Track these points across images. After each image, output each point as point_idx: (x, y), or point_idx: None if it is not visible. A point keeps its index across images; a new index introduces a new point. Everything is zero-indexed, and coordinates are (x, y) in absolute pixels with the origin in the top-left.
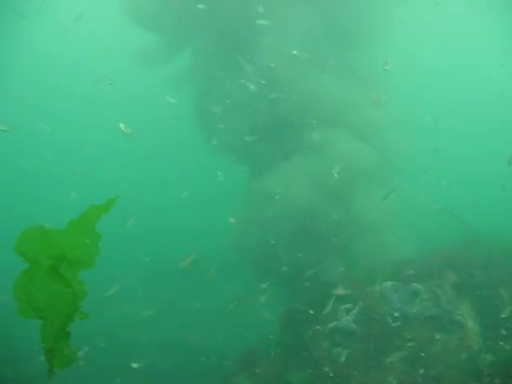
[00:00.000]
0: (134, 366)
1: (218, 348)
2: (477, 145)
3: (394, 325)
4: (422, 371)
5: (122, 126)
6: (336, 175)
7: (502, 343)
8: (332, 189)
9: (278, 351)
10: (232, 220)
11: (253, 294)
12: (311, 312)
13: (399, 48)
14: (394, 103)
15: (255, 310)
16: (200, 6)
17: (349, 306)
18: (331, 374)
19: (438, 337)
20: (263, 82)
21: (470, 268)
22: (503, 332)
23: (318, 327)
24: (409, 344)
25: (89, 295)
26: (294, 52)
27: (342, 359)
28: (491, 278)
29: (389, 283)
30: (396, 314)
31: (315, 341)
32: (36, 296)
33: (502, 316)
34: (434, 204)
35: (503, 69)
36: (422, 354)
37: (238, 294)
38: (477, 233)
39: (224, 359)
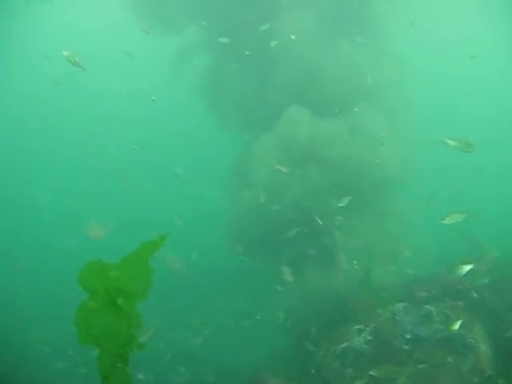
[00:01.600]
0: (140, 377)
1: (225, 362)
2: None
3: (405, 347)
4: None
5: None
6: None
7: None
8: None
9: (288, 370)
10: None
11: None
12: None
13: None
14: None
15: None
16: None
17: (361, 326)
18: None
19: (450, 359)
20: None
21: (481, 290)
22: None
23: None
24: (420, 366)
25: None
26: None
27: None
28: (502, 299)
29: (400, 305)
30: (408, 336)
31: (326, 361)
32: (94, 325)
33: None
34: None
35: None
36: (434, 377)
37: (244, 308)
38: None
39: (232, 375)
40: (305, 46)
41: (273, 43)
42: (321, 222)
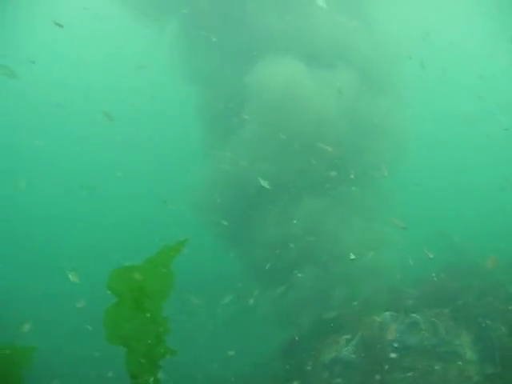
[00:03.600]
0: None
1: (215, 369)
2: None
3: (393, 355)
4: None
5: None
6: None
7: (500, 373)
8: None
9: (277, 381)
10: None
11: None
12: None
13: None
14: None
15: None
16: None
17: (348, 336)
18: None
19: (437, 367)
20: None
21: (466, 297)
22: (499, 362)
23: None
24: (409, 374)
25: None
26: None
27: None
28: (486, 306)
29: (387, 314)
30: (395, 345)
31: (315, 371)
32: (123, 326)
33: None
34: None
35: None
36: None
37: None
38: (470, 260)
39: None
40: None
41: None
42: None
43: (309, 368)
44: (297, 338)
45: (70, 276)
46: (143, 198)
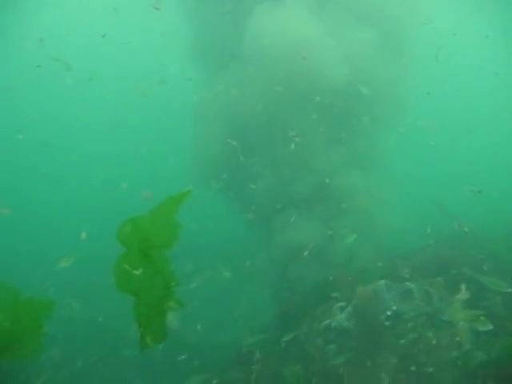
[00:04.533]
0: (125, 353)
1: (210, 337)
2: None
3: (386, 323)
4: (413, 368)
5: None
6: None
7: (492, 341)
8: None
9: (272, 347)
10: None
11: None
12: None
13: None
14: None
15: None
16: None
17: (343, 304)
18: (324, 371)
19: (429, 334)
20: None
21: (460, 266)
22: (493, 329)
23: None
24: (401, 341)
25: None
26: None
27: (339, 360)
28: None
29: (382, 282)
30: (389, 313)
31: (309, 338)
32: (132, 276)
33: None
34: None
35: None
36: (414, 351)
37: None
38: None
39: (217, 350)
40: None
41: None
42: None
43: (303, 334)
44: (294, 302)
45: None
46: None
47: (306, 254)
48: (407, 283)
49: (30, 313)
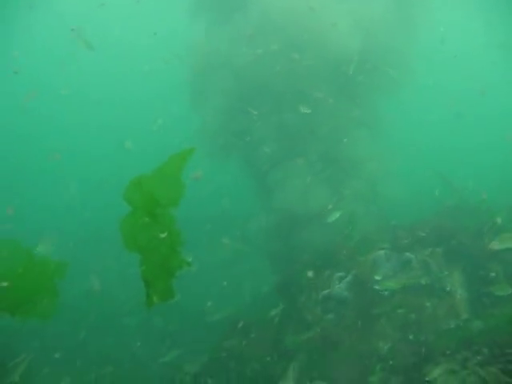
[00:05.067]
0: (126, 321)
1: (211, 308)
2: None
3: (385, 293)
4: (411, 337)
5: None
6: None
7: (490, 310)
8: None
9: (272, 316)
10: None
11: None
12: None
13: None
14: None
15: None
16: None
17: (342, 274)
18: (324, 339)
19: (428, 304)
20: None
21: (460, 237)
22: (492, 299)
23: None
24: (399, 311)
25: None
26: None
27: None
28: (481, 246)
29: (381, 252)
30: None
31: (308, 307)
32: (139, 236)
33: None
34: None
35: None
36: (413, 321)
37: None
38: (467, 200)
39: (218, 320)
40: None
41: None
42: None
43: (302, 304)
44: (293, 271)
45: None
46: None
47: (307, 221)
48: (407, 253)
49: (44, 272)
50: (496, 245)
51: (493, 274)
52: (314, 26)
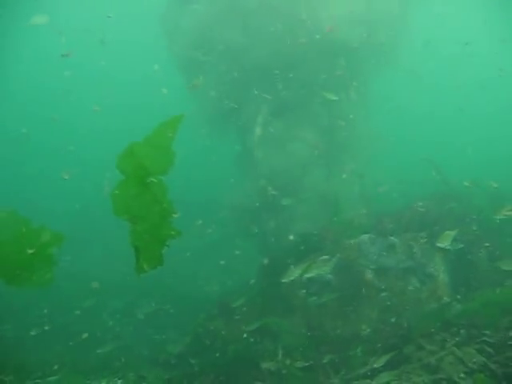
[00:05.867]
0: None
1: (196, 291)
2: None
3: (369, 276)
4: (393, 320)
5: None
6: None
7: (471, 293)
8: None
9: (255, 298)
10: None
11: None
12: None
13: None
14: None
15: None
16: None
17: (326, 257)
18: (307, 322)
19: (410, 288)
20: None
21: (444, 222)
22: (472, 283)
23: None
24: (383, 294)
25: None
26: None
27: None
28: (463, 231)
29: (366, 236)
30: (372, 266)
31: (292, 289)
32: (130, 204)
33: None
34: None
35: None
36: (395, 304)
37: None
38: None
39: (203, 303)
40: None
41: None
42: None
43: (286, 286)
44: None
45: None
46: None
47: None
48: (391, 237)
49: (41, 241)
50: None
51: (474, 259)
52: None
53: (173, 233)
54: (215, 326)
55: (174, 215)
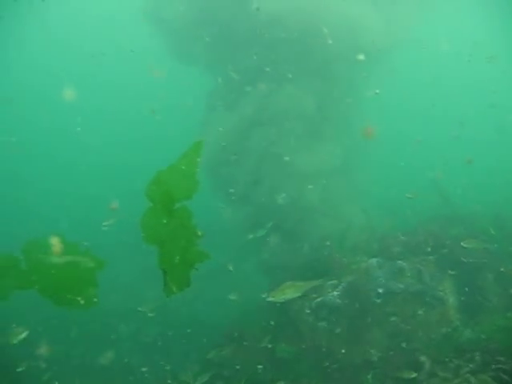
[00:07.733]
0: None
1: (203, 316)
2: None
3: (378, 301)
4: (404, 345)
5: None
6: None
7: (481, 317)
8: None
9: (264, 325)
10: None
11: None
12: None
13: None
14: None
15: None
16: None
17: (335, 281)
18: (316, 348)
19: (420, 312)
20: None
21: (452, 245)
22: (482, 307)
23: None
24: (392, 319)
25: None
26: None
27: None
28: (471, 254)
29: (374, 260)
30: (380, 290)
31: (301, 315)
32: (158, 230)
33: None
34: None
35: None
36: (405, 329)
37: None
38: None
39: (210, 328)
40: None
41: None
42: None
43: (294, 312)
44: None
45: None
46: None
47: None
48: (399, 261)
49: (86, 266)
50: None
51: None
52: None
53: (201, 256)
54: (224, 353)
55: (199, 234)
